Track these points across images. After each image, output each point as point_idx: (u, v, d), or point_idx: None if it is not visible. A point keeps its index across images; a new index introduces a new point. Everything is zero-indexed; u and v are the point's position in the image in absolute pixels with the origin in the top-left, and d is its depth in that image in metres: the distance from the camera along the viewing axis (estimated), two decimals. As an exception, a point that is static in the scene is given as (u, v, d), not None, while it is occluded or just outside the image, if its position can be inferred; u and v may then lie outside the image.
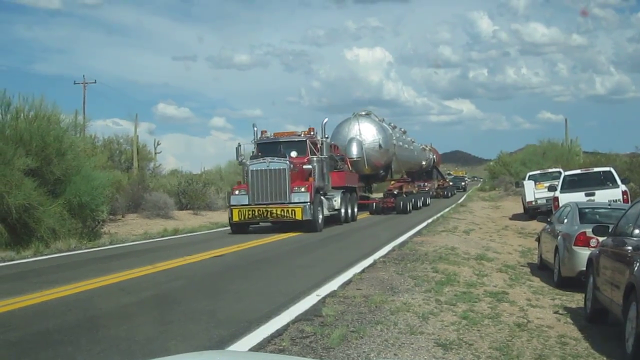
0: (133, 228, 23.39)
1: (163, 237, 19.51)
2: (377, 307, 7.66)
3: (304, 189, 19.70)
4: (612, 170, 21.64)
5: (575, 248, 10.28)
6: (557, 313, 8.63)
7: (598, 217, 11.59)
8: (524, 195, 27.31)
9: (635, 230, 6.87)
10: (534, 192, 26.20)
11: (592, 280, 8.08)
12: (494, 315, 7.79)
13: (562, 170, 25.83)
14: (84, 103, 46.16)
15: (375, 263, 11.78)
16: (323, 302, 7.98)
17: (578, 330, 7.66)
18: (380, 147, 31.46)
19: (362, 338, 6.22)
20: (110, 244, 16.99)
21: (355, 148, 30.02)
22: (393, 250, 13.81)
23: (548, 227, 13.08)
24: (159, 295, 9.15)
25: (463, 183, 74.04)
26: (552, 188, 22.42)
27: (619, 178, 21.16)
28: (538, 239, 13.93)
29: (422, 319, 7.12)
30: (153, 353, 5.54)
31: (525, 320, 7.78)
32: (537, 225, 18.69)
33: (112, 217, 24.06)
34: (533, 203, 26.08)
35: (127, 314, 7.75)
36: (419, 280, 9.69)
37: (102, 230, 19.86)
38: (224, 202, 27.99)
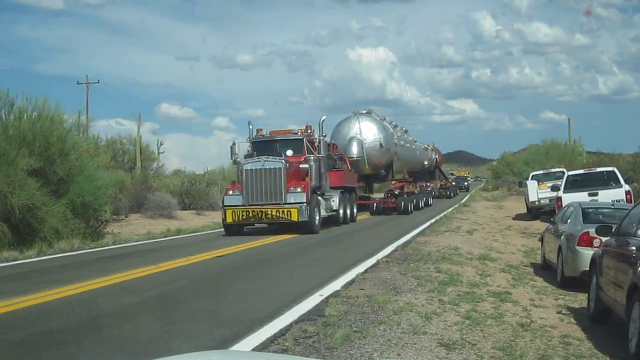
0: (136, 228, 23.43)
1: (166, 237, 19.53)
2: (380, 307, 7.65)
3: (300, 189, 19.03)
4: (615, 170, 21.63)
5: (579, 248, 10.27)
6: (560, 313, 8.62)
7: (601, 217, 11.57)
8: (527, 195, 27.30)
9: (639, 231, 6.86)
10: (537, 192, 26.17)
11: (595, 280, 8.07)
12: (497, 315, 7.78)
13: (565, 170, 25.84)
14: (87, 103, 46.36)
15: (379, 263, 11.77)
16: (326, 302, 7.98)
17: (581, 330, 7.65)
18: (381, 146, 30.98)
19: (365, 338, 6.22)
20: (114, 244, 17.01)
21: (356, 147, 29.56)
22: (396, 250, 13.80)
23: (551, 227, 13.06)
24: (162, 295, 9.15)
25: (466, 183, 73.63)
26: (555, 188, 22.41)
27: (622, 178, 21.16)
28: (541, 239, 13.90)
29: (425, 319, 7.11)
30: (156, 353, 5.54)
31: (529, 320, 7.77)
32: (540, 225, 18.68)
33: (115, 217, 24.09)
34: (536, 203, 26.07)
35: (130, 314, 7.76)
36: (422, 280, 9.68)
37: (105, 230, 19.89)
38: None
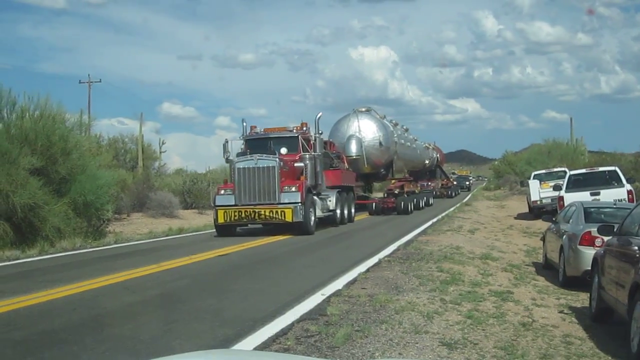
0: (138, 227, 23.45)
1: (168, 236, 19.53)
2: (381, 306, 7.65)
3: (295, 189, 18.34)
4: (617, 170, 21.62)
5: (581, 247, 10.25)
6: (562, 312, 8.61)
7: (603, 216, 11.56)
8: (529, 195, 27.27)
9: (641, 230, 6.85)
10: (539, 191, 26.14)
11: (597, 280, 8.06)
12: (499, 315, 7.77)
13: (567, 170, 25.80)
14: (89, 102, 46.39)
15: (380, 262, 11.77)
16: (328, 301, 7.98)
17: (583, 330, 7.64)
18: (381, 144, 30.32)
19: (366, 337, 6.22)
20: (115, 243, 17.02)
21: (355, 146, 28.96)
22: (398, 250, 13.80)
23: (553, 226, 13.05)
24: (164, 294, 9.16)
25: (467, 182, 73.43)
26: (557, 187, 22.40)
27: (624, 177, 21.16)
28: (543, 239, 13.90)
29: (426, 318, 7.11)
30: (158, 352, 5.54)
31: (530, 320, 7.76)
32: (542, 225, 18.65)
33: (117, 216, 24.13)
34: (538, 202, 26.03)
35: (132, 313, 7.77)
36: (424, 280, 9.68)
37: (107, 229, 19.92)
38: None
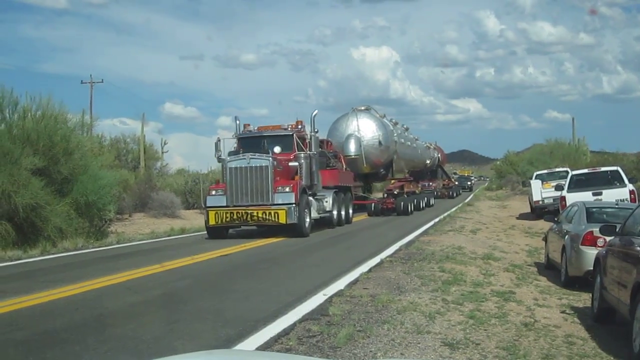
0: (140, 227, 23.48)
1: (170, 236, 19.54)
2: (383, 306, 7.65)
3: (289, 189, 17.66)
4: (619, 170, 21.60)
5: (583, 247, 10.25)
6: (564, 312, 8.61)
7: (605, 216, 11.55)
8: (531, 195, 27.25)
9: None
10: (541, 191, 26.14)
11: (599, 280, 8.05)
12: (501, 315, 7.76)
13: (569, 170, 25.79)
14: (91, 102, 46.35)
15: (383, 262, 11.77)
16: (330, 301, 7.97)
17: (585, 330, 7.63)
18: (380, 144, 29.93)
19: (368, 337, 6.22)
20: (117, 243, 17.04)
21: (353, 145, 28.56)
22: (400, 250, 13.80)
23: (555, 226, 13.04)
24: (166, 295, 9.16)
25: (469, 183, 73.29)
26: (559, 187, 22.38)
27: (627, 177, 21.14)
28: (545, 239, 13.88)
29: (428, 319, 7.10)
30: (160, 352, 5.54)
31: (532, 320, 7.75)
32: (544, 225, 18.63)
33: (119, 216, 24.16)
34: (540, 202, 26.03)
35: (134, 313, 7.77)
36: (426, 280, 9.68)
37: (109, 230, 19.94)
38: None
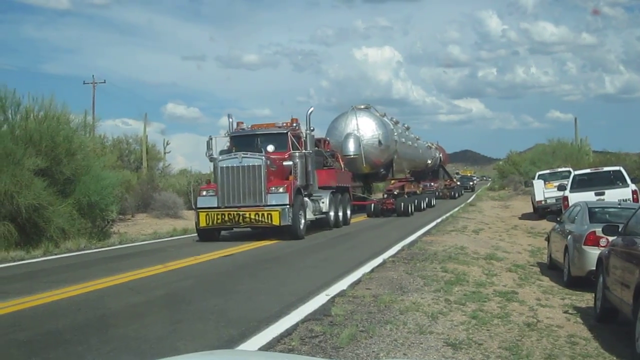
0: (142, 228, 23.50)
1: (172, 236, 19.57)
2: (386, 306, 7.65)
3: (283, 189, 16.94)
4: (621, 170, 21.58)
5: (585, 247, 10.23)
6: (566, 313, 8.60)
7: (608, 216, 11.54)
8: (534, 195, 27.22)
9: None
10: (544, 191, 26.10)
11: (601, 280, 8.04)
12: (504, 315, 7.76)
13: (571, 170, 25.78)
14: (94, 103, 46.52)
15: (385, 263, 11.76)
16: (332, 301, 7.97)
17: (588, 330, 7.62)
18: (380, 143, 29.38)
19: (371, 338, 6.22)
20: (120, 244, 17.05)
21: (352, 144, 28.01)
22: (402, 250, 13.78)
23: (558, 226, 13.03)
24: (169, 295, 9.17)
25: (471, 183, 72.83)
26: (561, 187, 22.35)
27: (629, 177, 21.13)
28: (547, 239, 13.87)
29: (431, 319, 7.10)
30: (163, 352, 5.55)
31: (535, 320, 7.75)
32: (546, 225, 18.59)
33: (121, 216, 24.19)
34: (542, 202, 26.00)
35: (136, 314, 7.77)
36: (429, 280, 9.67)
37: (111, 230, 19.97)
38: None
